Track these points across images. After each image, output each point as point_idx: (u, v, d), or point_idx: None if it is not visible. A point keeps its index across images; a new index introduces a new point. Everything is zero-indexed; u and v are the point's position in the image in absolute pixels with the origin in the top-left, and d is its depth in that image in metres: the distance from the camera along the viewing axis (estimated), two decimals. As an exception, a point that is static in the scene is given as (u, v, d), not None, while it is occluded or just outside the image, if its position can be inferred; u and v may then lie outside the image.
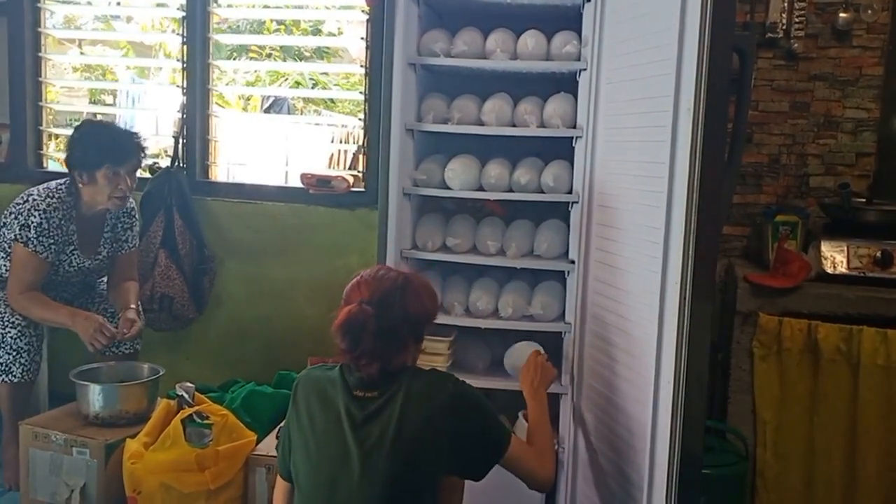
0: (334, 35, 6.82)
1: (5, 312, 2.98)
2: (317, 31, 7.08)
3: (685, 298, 2.11)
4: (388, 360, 1.86)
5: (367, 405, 1.85)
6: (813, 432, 2.95)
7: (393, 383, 1.86)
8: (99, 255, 3.14)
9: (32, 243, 2.91)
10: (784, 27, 3.22)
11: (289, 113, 6.83)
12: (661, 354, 2.19)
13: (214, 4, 3.64)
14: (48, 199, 2.96)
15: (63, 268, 3.05)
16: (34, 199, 2.95)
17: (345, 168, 4.95)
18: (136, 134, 3.09)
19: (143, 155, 3.07)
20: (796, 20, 3.21)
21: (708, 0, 2.01)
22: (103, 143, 2.97)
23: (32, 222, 2.91)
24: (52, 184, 3.03)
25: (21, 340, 2.96)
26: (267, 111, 6.69)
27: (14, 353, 2.96)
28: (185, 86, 3.65)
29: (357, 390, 1.87)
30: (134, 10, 5.02)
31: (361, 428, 1.82)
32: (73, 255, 3.05)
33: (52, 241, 2.95)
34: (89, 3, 4.18)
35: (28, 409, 3.01)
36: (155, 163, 3.71)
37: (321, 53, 7.31)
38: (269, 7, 4.23)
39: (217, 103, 3.77)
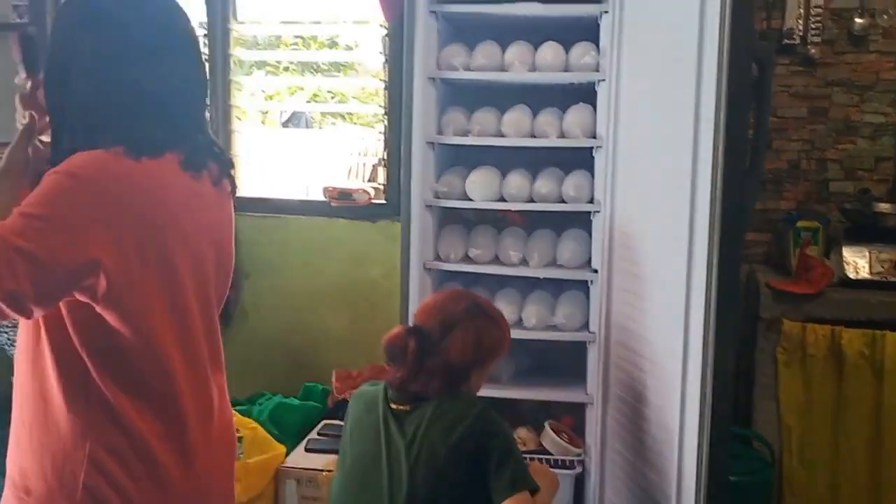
0: (350, 48, 6.86)
1: None
2: (333, 44, 7.12)
3: (710, 308, 2.12)
4: (416, 385, 1.93)
5: (400, 417, 1.92)
6: (838, 437, 2.95)
7: (425, 400, 1.92)
8: None
9: None
10: (801, 33, 3.23)
11: (307, 125, 6.87)
12: (686, 363, 2.20)
13: (234, 21, 3.69)
14: None
15: None
16: None
17: (364, 180, 4.98)
18: None
19: None
20: (813, 26, 3.22)
21: (726, 12, 2.03)
22: None
23: None
24: None
25: None
26: (285, 124, 6.73)
27: None
28: (207, 102, 3.69)
29: (393, 402, 1.95)
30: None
31: (391, 436, 1.90)
32: None
33: None
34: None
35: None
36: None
37: (338, 66, 7.35)
38: (287, 23, 4.27)
39: (236, 117, 3.80)
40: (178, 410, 1.39)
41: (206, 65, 3.56)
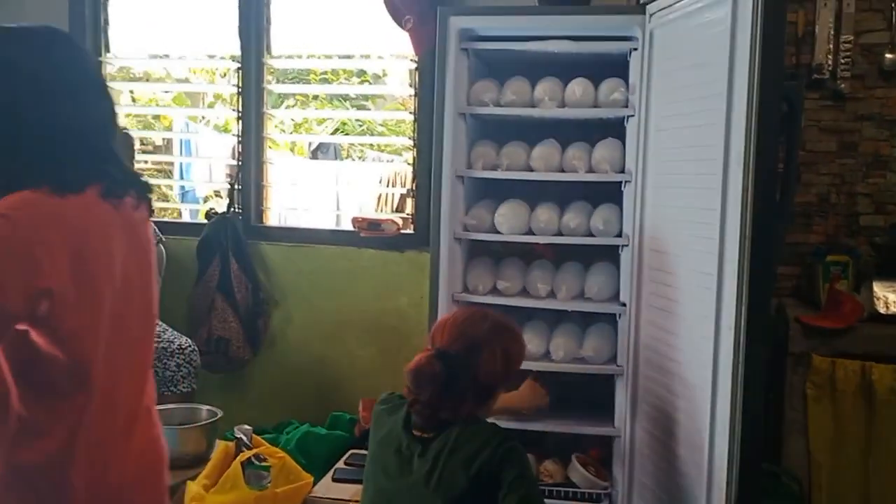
0: (379, 76, 6.96)
1: None
2: (362, 73, 7.22)
3: (739, 343, 2.13)
4: (443, 411, 1.92)
5: (423, 444, 1.92)
6: (868, 474, 2.91)
7: (448, 427, 1.91)
8: None
9: None
10: (830, 68, 3.23)
11: (335, 155, 6.95)
12: (715, 399, 2.21)
13: (268, 56, 3.76)
14: None
15: None
16: None
17: (392, 209, 5.03)
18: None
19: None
20: (842, 61, 3.22)
21: (756, 52, 2.06)
22: None
23: None
24: None
25: None
26: (314, 153, 6.81)
27: None
28: (240, 134, 3.77)
29: (416, 429, 1.95)
30: (188, 61, 5.22)
31: (409, 464, 1.91)
32: None
33: None
34: (156, 57, 4.36)
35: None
36: (211, 209, 3.82)
37: (366, 95, 7.44)
38: (319, 57, 4.34)
39: (268, 147, 3.88)
40: (96, 429, 1.44)
41: (241, 100, 3.71)
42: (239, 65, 3.75)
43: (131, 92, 5.23)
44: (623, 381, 2.80)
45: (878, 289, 3.00)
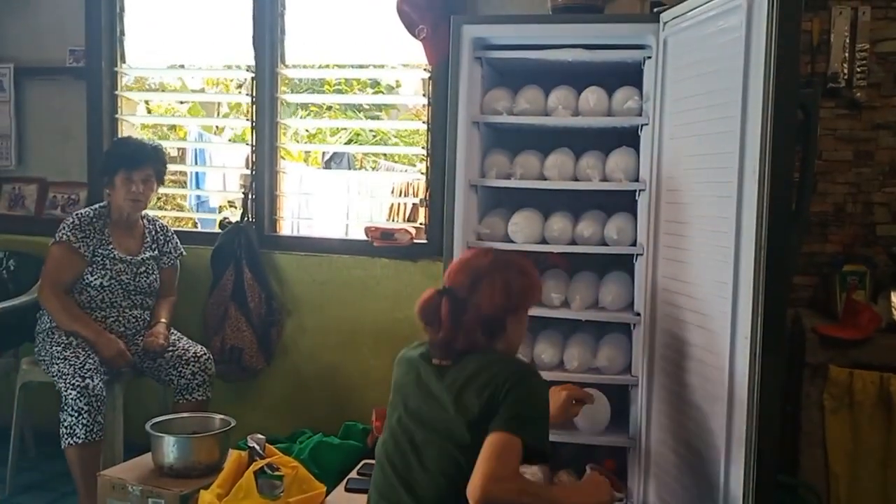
0: (392, 87, 6.99)
1: (67, 374, 3.08)
2: (375, 83, 7.25)
3: (755, 353, 2.11)
4: (458, 342, 1.96)
5: (440, 371, 1.97)
6: (887, 487, 2.87)
7: (467, 354, 1.96)
8: (144, 253, 3.40)
9: (66, 234, 3.25)
10: (846, 77, 3.21)
11: (349, 165, 6.98)
12: (731, 410, 2.19)
13: (282, 66, 3.78)
14: (81, 210, 3.39)
15: (108, 264, 3.28)
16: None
17: (405, 219, 5.03)
18: (156, 148, 3.45)
19: (159, 166, 3.41)
20: (858, 70, 3.20)
21: (771, 60, 2.04)
22: (121, 151, 3.40)
23: (66, 225, 3.30)
24: None
25: (81, 401, 3.03)
26: (328, 163, 6.85)
27: (76, 415, 3.03)
28: (254, 143, 3.78)
29: (434, 359, 2.00)
30: (204, 72, 5.25)
31: (430, 389, 1.96)
32: (112, 250, 3.31)
33: (83, 234, 3.27)
34: (171, 68, 4.38)
35: (98, 470, 3.08)
36: (225, 218, 3.83)
37: (379, 106, 7.48)
38: (332, 67, 4.36)
39: (282, 157, 3.89)
40: None
41: (255, 110, 3.73)
42: (253, 75, 3.77)
43: (147, 102, 5.26)
44: (638, 391, 2.78)
45: (897, 299, 2.97)
